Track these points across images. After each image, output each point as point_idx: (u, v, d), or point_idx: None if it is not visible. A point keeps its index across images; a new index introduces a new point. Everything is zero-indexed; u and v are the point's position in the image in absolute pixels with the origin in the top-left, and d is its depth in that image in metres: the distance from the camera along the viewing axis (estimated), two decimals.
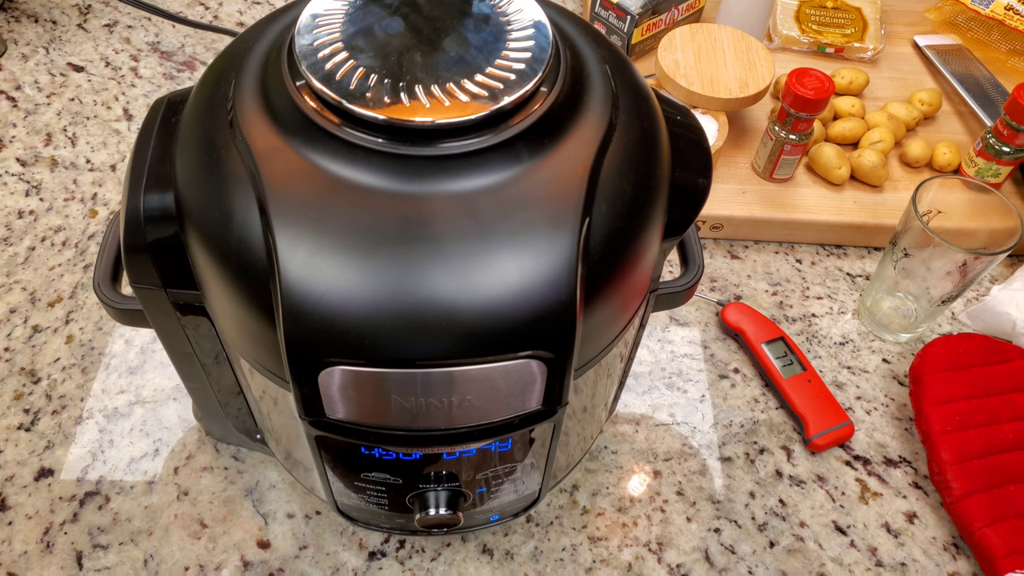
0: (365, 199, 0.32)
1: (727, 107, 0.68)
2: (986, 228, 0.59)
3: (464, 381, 0.33)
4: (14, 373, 0.58)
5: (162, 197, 0.36)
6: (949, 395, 0.56)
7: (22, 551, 0.50)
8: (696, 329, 0.64)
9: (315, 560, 0.51)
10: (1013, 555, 0.50)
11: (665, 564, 0.52)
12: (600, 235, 0.33)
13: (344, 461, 0.39)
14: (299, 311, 0.31)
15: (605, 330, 0.38)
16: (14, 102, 0.76)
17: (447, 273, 0.31)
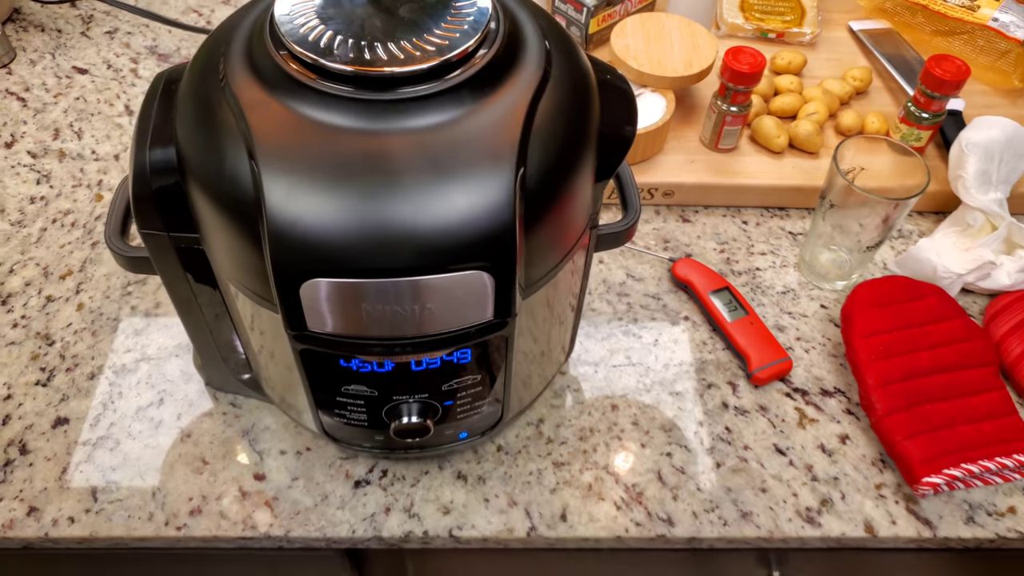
0: (336, 138, 0.38)
1: (673, 85, 0.75)
2: (903, 185, 0.66)
3: (424, 290, 0.39)
4: (31, 337, 0.64)
5: (165, 151, 0.43)
6: (874, 329, 0.63)
7: (42, 488, 0.56)
8: (650, 283, 0.70)
9: (306, 489, 0.57)
10: (928, 462, 0.56)
11: (622, 484, 0.58)
12: (535, 168, 0.40)
13: (326, 376, 0.46)
14: (281, 234, 0.37)
15: (547, 253, 0.44)
16: (24, 102, 0.82)
17: (405, 198, 0.38)
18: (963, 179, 0.70)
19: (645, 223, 0.75)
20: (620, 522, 0.56)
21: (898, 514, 0.57)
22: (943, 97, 0.71)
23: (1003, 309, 0.67)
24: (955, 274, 0.68)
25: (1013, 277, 0.68)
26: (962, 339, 0.62)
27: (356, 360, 0.44)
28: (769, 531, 0.56)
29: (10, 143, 0.78)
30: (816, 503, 0.58)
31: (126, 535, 0.54)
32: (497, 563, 0.66)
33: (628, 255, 0.72)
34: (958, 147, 0.71)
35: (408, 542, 0.55)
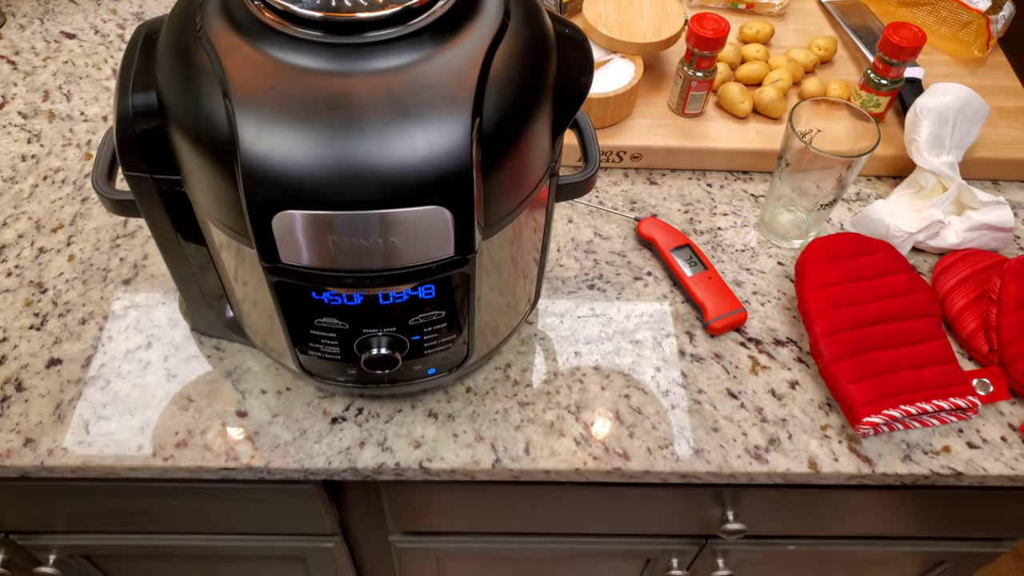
0: (305, 79, 0.41)
1: (642, 51, 0.78)
2: (857, 148, 0.69)
3: (388, 224, 0.43)
4: (24, 285, 0.67)
5: (146, 96, 0.46)
6: (824, 281, 0.66)
7: (38, 421, 0.59)
8: (616, 242, 0.74)
9: (285, 425, 0.60)
10: (869, 404, 0.60)
11: (582, 422, 0.62)
12: (492, 111, 0.43)
13: (300, 309, 0.49)
14: (254, 168, 0.41)
15: (505, 195, 0.47)
16: (14, 65, 0.85)
17: (368, 135, 0.41)
18: (917, 142, 0.73)
19: (614, 185, 0.78)
20: (579, 456, 0.60)
21: (840, 452, 0.61)
22: (901, 64, 0.74)
23: (950, 266, 0.70)
24: (906, 233, 0.72)
25: (961, 236, 0.71)
26: (907, 292, 0.66)
27: (327, 293, 0.47)
28: (719, 466, 0.60)
29: (1, 104, 0.81)
30: (764, 442, 0.61)
31: (116, 464, 0.58)
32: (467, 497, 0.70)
33: (596, 215, 0.76)
34: (913, 112, 0.74)
35: (381, 473, 0.59)
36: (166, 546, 0.76)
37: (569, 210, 0.76)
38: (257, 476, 0.60)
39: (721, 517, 0.72)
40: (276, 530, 0.75)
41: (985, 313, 0.66)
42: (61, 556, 0.77)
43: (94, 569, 0.82)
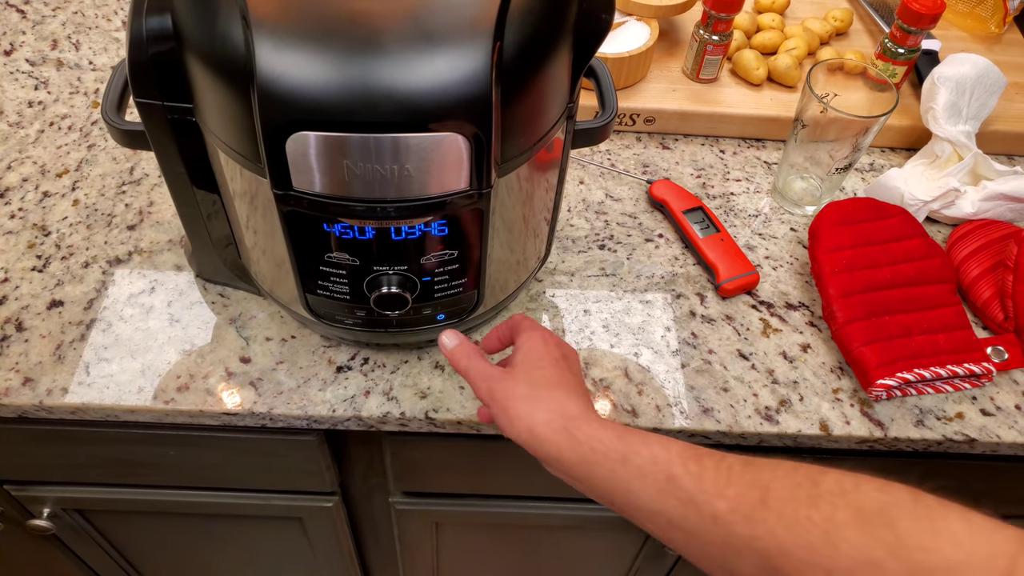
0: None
1: (657, 14, 0.77)
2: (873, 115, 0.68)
3: (403, 149, 0.42)
4: (27, 228, 0.66)
5: (161, 19, 0.45)
6: (838, 244, 0.65)
7: (37, 361, 0.58)
8: (628, 203, 0.73)
9: (289, 372, 0.59)
10: (883, 366, 0.59)
11: (590, 378, 0.61)
12: (513, 39, 0.42)
13: (310, 244, 0.48)
14: (269, 87, 0.40)
15: (523, 129, 0.46)
16: (23, 14, 0.84)
17: (386, 57, 0.40)
18: (933, 110, 0.72)
19: (626, 148, 0.77)
20: None
21: (852, 415, 0.60)
22: (919, 32, 0.73)
23: (965, 235, 0.70)
24: (921, 201, 0.71)
25: (976, 206, 0.70)
26: (922, 256, 0.65)
27: (338, 226, 0.46)
28: (728, 425, 0.59)
29: (9, 51, 0.80)
30: (775, 403, 0.60)
31: (116, 405, 0.57)
32: (470, 454, 0.69)
33: (608, 177, 0.75)
34: (931, 80, 0.73)
35: (386, 423, 0.58)
36: (162, 501, 0.75)
37: (581, 171, 0.75)
38: (259, 423, 0.59)
39: None
40: (275, 487, 0.74)
41: (1001, 281, 0.65)
42: (55, 510, 0.76)
43: (88, 525, 0.81)
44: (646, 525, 0.41)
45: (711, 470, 0.38)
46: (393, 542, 0.85)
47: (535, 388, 0.45)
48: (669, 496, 0.39)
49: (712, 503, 0.37)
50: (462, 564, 0.92)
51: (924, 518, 0.32)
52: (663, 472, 0.39)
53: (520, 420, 0.44)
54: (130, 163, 0.71)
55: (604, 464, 0.41)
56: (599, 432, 0.42)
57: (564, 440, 0.42)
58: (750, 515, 0.36)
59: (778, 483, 0.36)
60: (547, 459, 0.44)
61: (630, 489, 0.40)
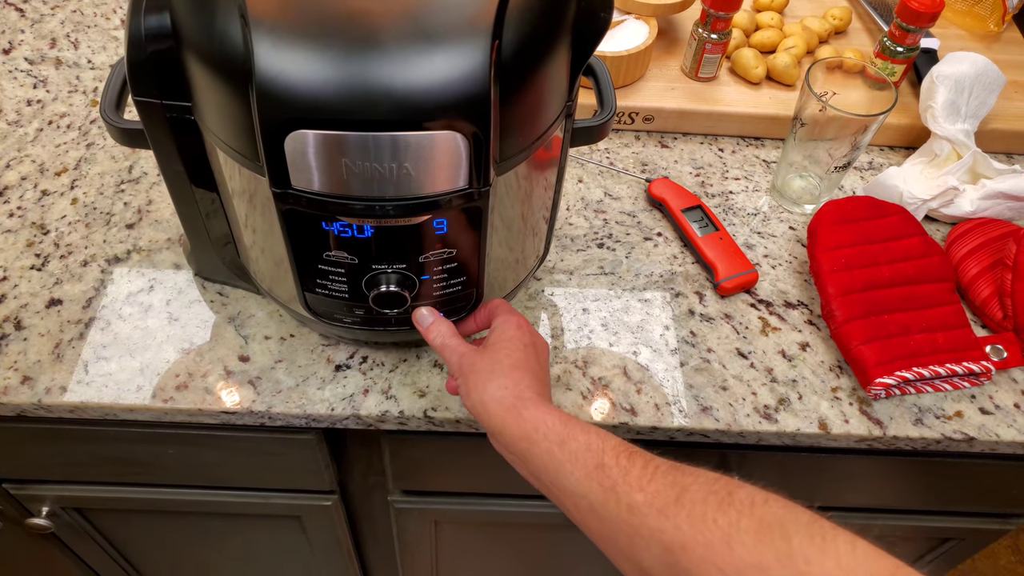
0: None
1: (656, 12, 0.77)
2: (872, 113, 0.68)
3: (402, 147, 0.42)
4: (26, 226, 0.66)
5: (160, 18, 0.45)
6: (837, 243, 0.65)
7: (36, 360, 0.58)
8: (627, 202, 0.73)
9: (288, 371, 0.59)
10: (882, 365, 0.59)
11: (589, 377, 0.61)
12: (512, 37, 0.42)
13: (309, 242, 0.48)
14: (268, 86, 0.40)
15: (522, 127, 0.46)
16: (22, 13, 0.84)
17: (385, 55, 0.40)
18: (932, 109, 0.72)
19: (625, 147, 0.77)
20: (585, 410, 0.59)
21: (851, 414, 0.60)
22: (918, 30, 0.73)
23: (964, 234, 0.70)
24: (920, 200, 0.71)
25: (975, 204, 0.70)
26: (921, 255, 0.65)
27: (337, 224, 0.46)
28: (727, 424, 0.59)
29: (8, 50, 0.80)
30: (774, 402, 0.61)
31: (115, 404, 0.57)
32: (469, 453, 0.69)
33: (607, 176, 0.75)
34: (929, 79, 0.73)
35: (385, 422, 0.58)
36: (160, 500, 0.75)
37: (579, 170, 0.75)
38: (258, 421, 0.59)
39: None
40: (274, 485, 0.74)
41: (1000, 280, 0.65)
42: (54, 508, 0.76)
43: (86, 524, 0.81)
44: (566, 506, 0.44)
45: (639, 466, 0.41)
46: (392, 541, 0.85)
47: (497, 365, 0.48)
48: (594, 482, 0.42)
49: (631, 494, 0.40)
50: (461, 563, 0.92)
51: (816, 536, 0.34)
52: (594, 459, 0.42)
53: (475, 391, 0.48)
54: (129, 162, 0.71)
55: (542, 444, 0.44)
56: (544, 415, 0.45)
57: (510, 416, 0.46)
58: (663, 510, 0.38)
59: (696, 486, 0.39)
60: (491, 431, 0.47)
61: (560, 471, 0.43)
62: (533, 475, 0.46)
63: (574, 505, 0.43)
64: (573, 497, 0.43)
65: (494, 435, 0.47)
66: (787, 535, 0.35)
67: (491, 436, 0.48)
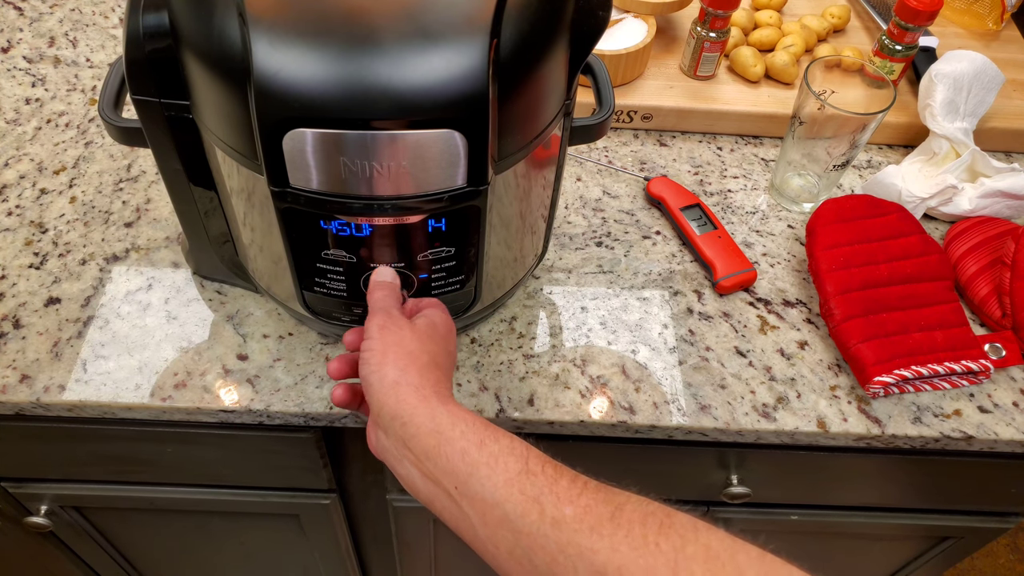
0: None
1: (654, 11, 0.77)
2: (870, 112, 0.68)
3: (400, 146, 0.42)
4: (24, 225, 0.66)
5: (158, 16, 0.45)
6: (836, 241, 0.65)
7: (35, 359, 0.58)
8: (625, 200, 0.73)
9: (286, 369, 0.59)
10: (880, 363, 0.59)
11: (587, 375, 0.61)
12: (510, 36, 0.42)
13: (307, 241, 0.48)
14: (266, 84, 0.40)
15: (521, 125, 0.46)
16: (21, 11, 0.84)
17: (383, 53, 0.40)
18: (931, 107, 0.72)
19: (623, 145, 0.77)
20: (584, 408, 0.59)
21: (850, 413, 0.60)
22: (916, 28, 0.73)
23: (962, 232, 0.70)
24: (918, 198, 0.71)
25: (974, 203, 0.70)
26: (919, 254, 0.65)
27: (335, 223, 0.46)
28: (726, 423, 0.59)
29: (6, 48, 0.80)
30: (773, 400, 0.61)
31: (113, 403, 0.57)
32: None
33: (605, 174, 0.75)
34: (928, 77, 0.73)
35: None
36: (159, 498, 0.75)
37: (578, 168, 0.75)
38: (256, 420, 0.59)
39: (725, 481, 0.71)
40: (272, 484, 0.74)
41: (998, 278, 0.65)
42: (52, 507, 0.76)
43: (85, 522, 0.81)
44: (471, 517, 0.38)
45: (567, 478, 0.37)
46: (391, 539, 0.85)
47: (424, 353, 0.44)
48: (515, 489, 0.37)
49: (559, 506, 0.36)
50: (460, 561, 0.93)
51: (771, 572, 0.32)
52: (519, 464, 0.38)
53: (391, 369, 0.42)
54: (127, 160, 0.71)
55: (457, 442, 0.39)
56: (464, 412, 0.41)
57: (423, 407, 0.41)
58: (596, 527, 0.35)
59: (631, 506, 0.35)
60: (393, 416, 0.41)
61: (474, 474, 0.38)
62: (431, 477, 0.40)
63: (482, 515, 0.38)
64: (483, 506, 0.38)
65: (393, 422, 0.41)
66: (740, 568, 0.32)
67: (383, 425, 0.42)
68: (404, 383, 0.42)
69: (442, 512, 0.40)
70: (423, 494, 0.41)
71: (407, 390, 0.41)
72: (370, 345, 0.44)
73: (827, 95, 0.69)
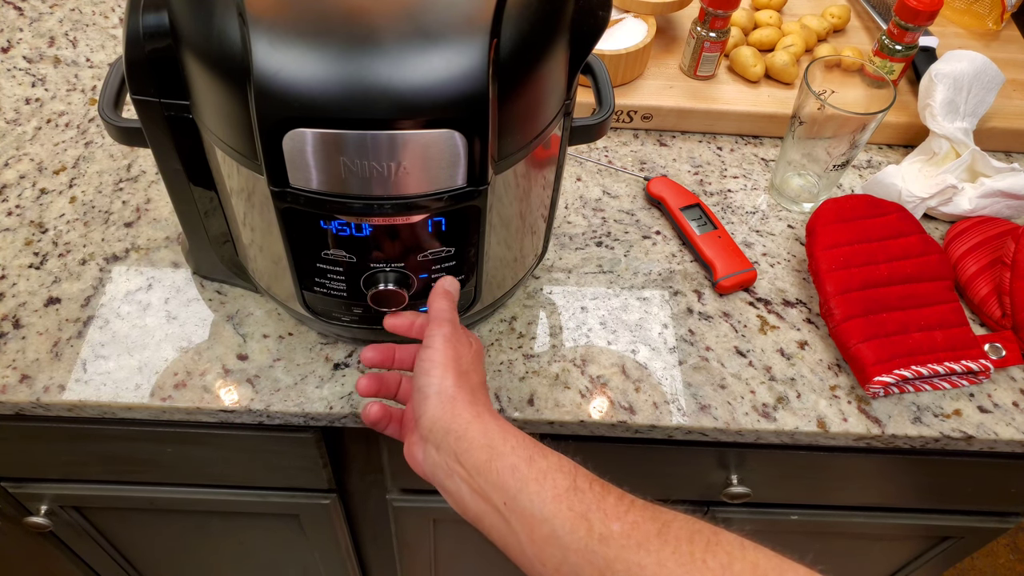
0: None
1: (654, 11, 0.77)
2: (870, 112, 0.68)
3: (400, 146, 0.42)
4: (24, 225, 0.66)
5: (158, 16, 0.45)
6: (836, 241, 0.65)
7: (35, 358, 0.58)
8: (625, 200, 0.73)
9: (287, 369, 0.59)
10: (880, 363, 0.59)
11: (587, 375, 0.61)
12: (510, 35, 0.42)
13: (307, 241, 0.48)
14: (266, 85, 0.40)
15: (521, 125, 0.46)
16: (21, 11, 0.84)
17: (383, 53, 0.40)
18: (931, 107, 0.72)
19: (623, 145, 0.77)
20: (584, 408, 0.59)
21: (850, 412, 0.60)
22: (916, 28, 0.73)
23: (962, 232, 0.70)
24: (918, 198, 0.71)
25: (974, 203, 0.70)
26: (919, 254, 0.65)
27: (335, 223, 0.46)
28: (726, 423, 0.59)
29: (6, 48, 0.80)
30: (772, 400, 0.61)
31: (113, 403, 0.57)
32: None
33: (605, 174, 0.75)
34: (928, 77, 0.73)
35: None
36: (159, 498, 0.75)
37: (578, 168, 0.75)
38: (256, 420, 0.59)
39: (725, 481, 0.71)
40: (272, 484, 0.74)
41: (998, 278, 0.65)
42: (52, 507, 0.76)
43: (85, 522, 0.81)
44: (519, 532, 0.39)
45: (614, 495, 0.38)
46: (391, 539, 0.85)
47: (474, 372, 0.45)
48: (563, 505, 0.37)
49: (607, 523, 0.36)
50: (460, 561, 0.92)
51: None
52: (567, 480, 0.38)
53: (450, 383, 0.43)
54: (127, 160, 0.71)
55: (508, 457, 0.39)
56: (514, 429, 0.42)
57: (477, 422, 0.41)
58: (643, 543, 0.35)
59: (678, 523, 0.36)
60: (448, 431, 0.42)
61: (524, 489, 0.38)
62: (480, 493, 0.40)
63: (530, 532, 0.38)
64: (532, 521, 0.38)
65: (447, 436, 0.42)
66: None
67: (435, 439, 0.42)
68: (460, 399, 0.43)
69: (490, 530, 0.41)
70: (471, 511, 0.42)
71: (462, 405, 0.42)
72: (432, 356, 0.45)
73: (827, 95, 0.69)
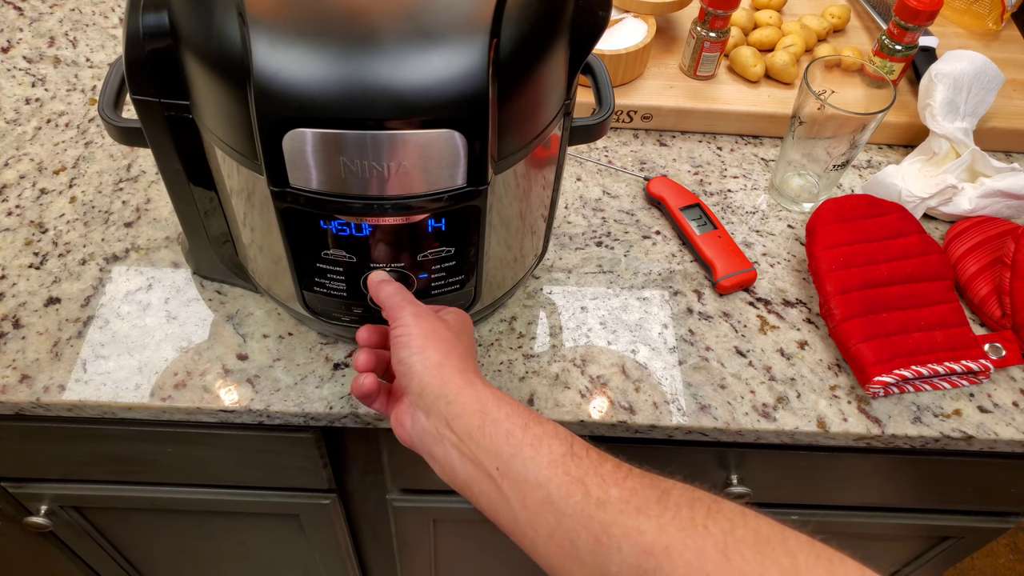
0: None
1: (654, 11, 0.77)
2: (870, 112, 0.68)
3: (400, 145, 0.42)
4: (24, 225, 0.66)
5: (158, 16, 0.45)
6: (836, 241, 0.65)
7: (35, 359, 0.58)
8: (625, 200, 0.73)
9: (287, 369, 0.59)
10: (880, 363, 0.59)
11: (587, 375, 0.61)
12: (510, 35, 0.42)
13: (307, 240, 0.48)
14: (266, 85, 0.40)
15: (521, 125, 0.46)
16: (20, 11, 0.84)
17: (383, 53, 0.40)
18: (931, 107, 0.72)
19: (623, 145, 0.77)
20: (584, 408, 0.59)
21: (850, 412, 0.60)
22: (916, 28, 0.73)
23: (962, 232, 0.70)
24: (918, 198, 0.71)
25: (974, 203, 0.70)
26: (919, 254, 0.65)
27: (335, 223, 0.46)
28: (726, 423, 0.59)
29: (6, 48, 0.80)
30: (772, 400, 0.61)
31: (113, 403, 0.57)
32: None
33: (605, 174, 0.75)
34: (928, 77, 0.73)
35: (383, 420, 0.58)
36: (159, 498, 0.75)
37: (578, 168, 0.75)
38: (256, 420, 0.59)
39: (725, 481, 0.71)
40: (272, 484, 0.74)
41: (998, 278, 0.65)
42: (53, 507, 0.76)
43: (85, 522, 0.81)
44: (512, 499, 0.38)
45: (611, 462, 0.37)
46: (391, 539, 0.85)
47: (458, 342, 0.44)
48: (559, 470, 0.37)
49: (604, 488, 0.36)
50: (460, 561, 0.92)
51: (822, 558, 0.32)
52: (563, 446, 0.38)
53: (433, 352, 0.42)
54: (127, 160, 0.71)
55: (503, 423, 0.39)
56: (507, 396, 0.41)
57: (468, 388, 0.41)
58: (643, 508, 0.34)
59: (677, 491, 0.35)
60: (438, 396, 0.41)
61: (518, 454, 0.38)
62: (471, 458, 0.39)
63: (523, 497, 0.37)
64: (526, 487, 0.37)
65: (437, 401, 0.41)
66: (790, 552, 0.32)
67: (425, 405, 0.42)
68: (448, 365, 0.42)
69: (479, 497, 0.40)
70: (460, 477, 0.41)
71: (451, 372, 0.42)
72: (408, 331, 0.44)
73: (827, 95, 0.69)
